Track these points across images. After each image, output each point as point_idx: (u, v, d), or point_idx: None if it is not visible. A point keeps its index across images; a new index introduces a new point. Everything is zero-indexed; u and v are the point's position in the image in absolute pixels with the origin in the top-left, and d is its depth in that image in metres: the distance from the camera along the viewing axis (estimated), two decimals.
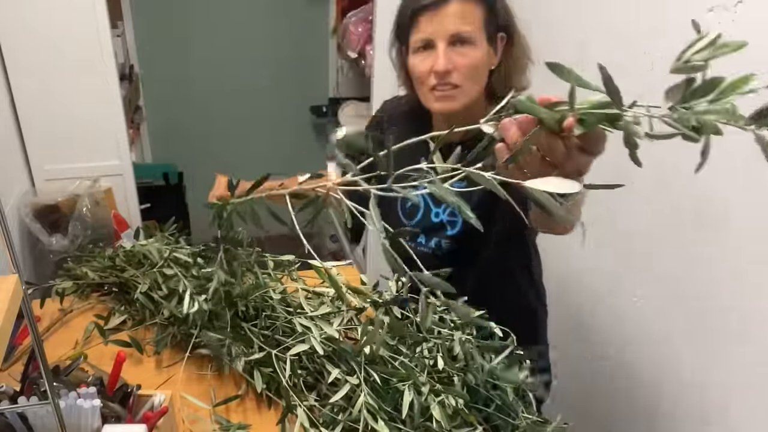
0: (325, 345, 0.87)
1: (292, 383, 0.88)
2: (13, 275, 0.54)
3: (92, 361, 0.98)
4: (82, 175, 1.66)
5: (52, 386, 0.61)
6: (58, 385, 0.73)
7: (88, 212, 1.56)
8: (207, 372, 1.00)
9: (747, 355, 1.04)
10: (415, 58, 1.00)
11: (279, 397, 0.91)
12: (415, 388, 0.79)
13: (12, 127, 1.57)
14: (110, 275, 1.17)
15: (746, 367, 1.05)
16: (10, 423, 0.71)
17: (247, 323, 0.97)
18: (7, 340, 0.52)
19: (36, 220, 1.50)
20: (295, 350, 0.87)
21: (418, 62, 0.99)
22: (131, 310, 1.13)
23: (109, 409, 0.76)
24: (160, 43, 2.87)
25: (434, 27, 0.96)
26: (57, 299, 1.16)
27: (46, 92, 1.56)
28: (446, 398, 0.80)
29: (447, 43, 0.96)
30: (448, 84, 0.97)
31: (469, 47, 0.96)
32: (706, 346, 1.12)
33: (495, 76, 1.03)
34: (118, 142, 1.69)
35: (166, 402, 0.81)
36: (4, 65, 1.52)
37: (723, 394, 1.10)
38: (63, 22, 1.52)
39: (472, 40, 0.96)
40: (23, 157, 1.62)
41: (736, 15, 0.99)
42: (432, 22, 0.96)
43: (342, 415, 0.81)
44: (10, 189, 1.52)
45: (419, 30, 0.98)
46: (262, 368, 0.92)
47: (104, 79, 1.60)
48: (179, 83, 2.98)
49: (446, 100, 0.99)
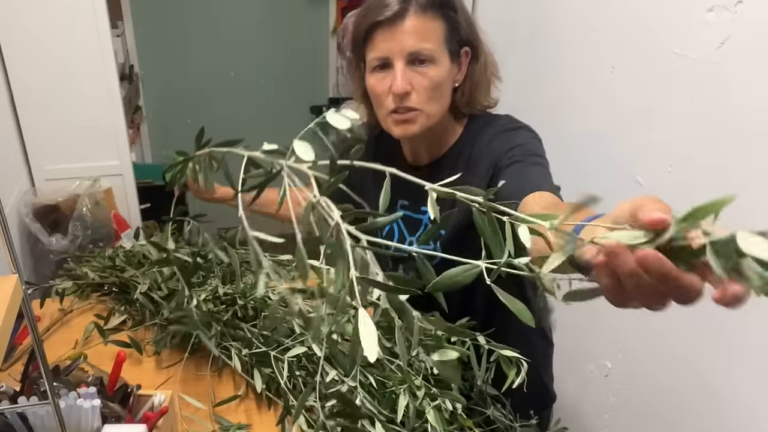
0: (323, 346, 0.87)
1: (291, 384, 0.88)
2: (13, 275, 0.54)
3: (92, 361, 0.98)
4: (82, 175, 1.66)
5: (52, 386, 0.61)
6: (58, 385, 0.73)
7: (88, 212, 1.55)
8: (206, 372, 1.00)
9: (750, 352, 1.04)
10: (372, 78, 0.92)
11: (279, 397, 0.91)
12: (410, 391, 0.79)
13: (12, 127, 1.57)
14: (110, 275, 1.17)
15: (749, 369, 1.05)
16: (10, 423, 0.71)
17: (246, 323, 0.97)
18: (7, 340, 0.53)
19: (36, 220, 1.50)
20: (293, 352, 0.87)
21: (376, 83, 0.92)
22: (131, 310, 1.14)
23: (109, 409, 0.76)
24: (160, 43, 2.87)
25: (390, 45, 0.88)
26: (57, 299, 1.16)
27: (46, 92, 1.56)
28: (442, 402, 0.80)
29: (405, 61, 0.88)
30: (407, 107, 0.90)
31: (430, 66, 0.88)
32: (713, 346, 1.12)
33: (459, 92, 0.96)
34: (118, 142, 1.69)
35: (166, 402, 0.81)
36: (4, 65, 1.52)
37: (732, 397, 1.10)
38: (63, 22, 1.51)
39: (432, 58, 0.88)
40: (23, 157, 1.62)
41: (736, 15, 0.99)
42: (388, 41, 0.88)
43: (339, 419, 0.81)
44: (10, 189, 1.52)
45: (374, 48, 0.90)
46: (261, 368, 0.92)
47: (104, 79, 1.60)
48: (179, 83, 2.98)
49: (405, 124, 0.91)
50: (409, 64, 0.89)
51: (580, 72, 1.46)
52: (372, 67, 0.92)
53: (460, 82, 0.95)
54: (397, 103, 0.90)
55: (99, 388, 0.75)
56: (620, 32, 1.30)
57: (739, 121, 1.01)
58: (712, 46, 1.04)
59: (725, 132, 1.04)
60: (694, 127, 1.10)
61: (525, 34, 1.68)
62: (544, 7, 1.59)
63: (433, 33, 0.89)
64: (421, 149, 1.02)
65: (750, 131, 0.99)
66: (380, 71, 0.91)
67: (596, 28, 1.39)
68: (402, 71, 0.88)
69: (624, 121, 1.30)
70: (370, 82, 0.93)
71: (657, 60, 1.18)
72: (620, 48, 1.30)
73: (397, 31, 0.87)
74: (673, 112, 1.15)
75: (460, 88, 0.96)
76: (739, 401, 1.07)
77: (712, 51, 1.04)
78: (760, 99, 0.96)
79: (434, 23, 0.89)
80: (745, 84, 0.99)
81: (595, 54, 1.39)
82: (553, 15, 1.56)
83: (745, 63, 0.99)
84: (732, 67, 1.01)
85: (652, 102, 1.21)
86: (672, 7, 1.14)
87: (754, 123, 0.98)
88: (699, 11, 1.06)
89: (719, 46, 1.03)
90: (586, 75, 1.43)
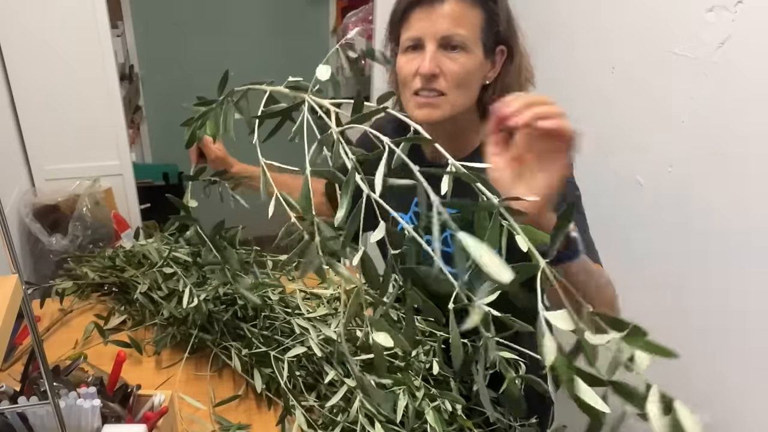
0: (323, 346, 0.87)
1: (291, 384, 0.88)
2: (13, 275, 0.54)
3: (92, 361, 0.98)
4: (82, 175, 1.66)
5: (52, 386, 0.61)
6: (58, 385, 0.73)
7: (88, 212, 1.55)
8: (206, 372, 1.00)
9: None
10: (403, 58, 0.93)
11: (279, 397, 0.91)
12: (409, 392, 0.79)
13: (12, 127, 1.57)
14: (110, 275, 1.17)
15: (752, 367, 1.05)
16: (10, 423, 0.71)
17: (246, 323, 0.97)
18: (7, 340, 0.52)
19: (36, 220, 1.50)
20: (293, 352, 0.87)
21: (405, 63, 0.92)
22: (131, 310, 1.14)
23: (109, 409, 0.76)
24: (160, 43, 2.87)
25: (425, 26, 0.88)
26: (57, 299, 1.16)
27: (46, 92, 1.56)
28: (442, 403, 0.80)
29: (437, 45, 0.88)
30: (433, 90, 0.89)
31: (462, 53, 0.88)
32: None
33: (489, 90, 0.95)
34: (118, 142, 1.69)
35: (166, 402, 0.81)
36: (4, 65, 1.52)
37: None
38: (63, 22, 1.52)
39: (465, 46, 0.88)
40: (23, 157, 1.62)
41: (736, 15, 0.99)
42: (423, 21, 0.88)
43: (341, 416, 0.81)
44: (10, 189, 1.52)
45: (409, 27, 0.91)
46: (261, 368, 0.92)
47: (104, 79, 1.60)
48: (179, 83, 2.98)
49: (428, 107, 0.90)
50: (441, 48, 0.88)
51: (580, 72, 1.46)
52: (404, 47, 0.92)
53: (491, 80, 0.94)
54: (423, 84, 0.89)
55: (99, 388, 0.75)
56: (620, 32, 1.30)
57: (739, 121, 1.01)
58: (712, 46, 1.04)
59: (725, 132, 1.04)
60: (694, 127, 1.10)
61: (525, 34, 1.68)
62: (544, 8, 1.59)
63: (470, 21, 0.88)
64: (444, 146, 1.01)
65: (750, 131, 0.99)
66: (411, 52, 0.91)
67: (596, 28, 1.39)
68: (432, 53, 0.88)
69: (624, 121, 1.30)
70: (399, 62, 0.93)
71: (657, 60, 1.18)
72: (620, 48, 1.30)
73: (434, 12, 0.88)
74: (673, 112, 1.15)
75: (491, 86, 0.95)
76: (740, 401, 1.07)
77: (712, 51, 1.04)
78: (759, 99, 0.96)
79: (473, 11, 0.88)
80: (745, 84, 0.99)
81: (595, 54, 1.39)
82: (552, 15, 1.56)
83: (745, 63, 0.99)
84: (732, 67, 1.01)
85: (652, 102, 1.21)
86: (672, 7, 1.14)
87: (753, 123, 0.98)
88: (699, 11, 1.06)
89: (719, 46, 1.03)
90: (586, 75, 1.43)
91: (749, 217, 1.01)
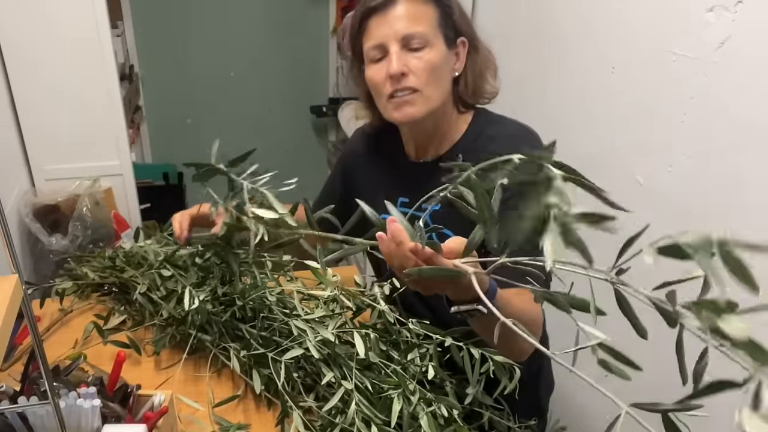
0: (320, 348, 0.87)
1: (289, 386, 0.88)
2: (13, 275, 0.54)
3: (92, 361, 0.98)
4: (82, 175, 1.65)
5: (52, 386, 0.61)
6: (58, 385, 0.73)
7: (88, 212, 1.55)
8: (205, 373, 1.00)
9: None
10: (370, 70, 0.95)
11: (278, 398, 0.91)
12: (404, 396, 0.79)
13: (12, 127, 1.57)
14: (110, 275, 1.17)
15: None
16: (10, 423, 0.71)
17: (245, 324, 0.97)
18: (7, 340, 0.53)
19: (36, 220, 1.50)
20: (290, 354, 0.87)
21: (374, 72, 0.94)
22: (131, 311, 1.14)
23: (109, 409, 0.76)
24: (160, 43, 2.87)
25: (384, 30, 0.91)
26: (57, 299, 1.16)
27: (46, 92, 1.56)
28: (437, 408, 0.79)
29: (400, 45, 0.90)
30: (406, 89, 0.91)
31: (425, 50, 0.91)
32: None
33: (461, 83, 0.98)
34: (118, 142, 1.69)
35: (166, 402, 0.81)
36: (4, 65, 1.52)
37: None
38: (63, 22, 1.51)
39: (426, 42, 0.91)
40: (23, 157, 1.62)
41: (736, 15, 0.99)
42: (381, 26, 0.91)
43: (339, 417, 0.81)
44: (10, 189, 1.52)
45: (370, 36, 0.93)
46: (260, 369, 0.92)
47: (104, 79, 1.60)
48: (179, 83, 2.98)
49: (405, 105, 0.92)
50: (404, 49, 0.91)
51: (580, 72, 1.46)
52: (370, 59, 0.95)
53: (460, 72, 0.97)
54: (394, 86, 0.91)
55: (99, 388, 0.75)
56: (620, 32, 1.30)
57: (739, 121, 1.01)
58: (712, 46, 1.04)
59: (725, 132, 1.04)
60: (694, 127, 1.10)
61: (525, 34, 1.67)
62: (544, 8, 1.59)
63: (425, 17, 0.92)
64: (425, 144, 1.02)
65: (750, 131, 0.99)
66: (378, 62, 0.94)
67: (596, 29, 1.39)
68: (397, 54, 0.91)
69: (624, 121, 1.30)
70: (368, 74, 0.95)
71: (657, 60, 1.18)
72: (620, 48, 1.30)
73: (389, 16, 0.91)
74: (673, 112, 1.14)
75: (462, 78, 0.98)
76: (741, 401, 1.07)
77: (712, 51, 1.04)
78: (759, 99, 0.96)
79: (426, 8, 0.92)
80: (745, 84, 0.99)
81: (595, 54, 1.39)
82: (552, 15, 1.56)
83: (745, 63, 0.99)
84: (732, 67, 1.01)
85: (652, 102, 1.21)
86: (672, 7, 1.14)
87: (753, 123, 0.98)
88: (699, 11, 1.06)
89: (719, 46, 1.03)
90: (586, 75, 1.43)
91: (749, 217, 1.01)
